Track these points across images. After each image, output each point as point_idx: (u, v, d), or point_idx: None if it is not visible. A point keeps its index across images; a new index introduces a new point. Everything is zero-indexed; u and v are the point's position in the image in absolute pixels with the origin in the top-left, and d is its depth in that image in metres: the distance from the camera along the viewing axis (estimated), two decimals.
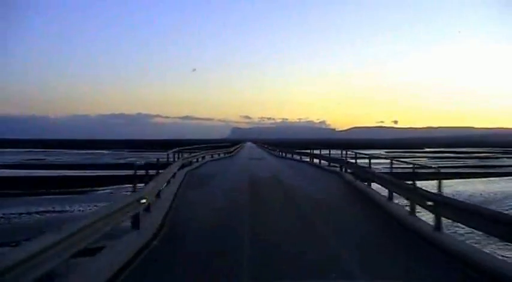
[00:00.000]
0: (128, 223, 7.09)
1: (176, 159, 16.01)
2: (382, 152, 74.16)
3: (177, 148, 17.19)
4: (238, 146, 54.82)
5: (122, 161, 44.08)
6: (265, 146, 62.62)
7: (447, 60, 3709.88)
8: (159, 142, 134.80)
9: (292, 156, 32.86)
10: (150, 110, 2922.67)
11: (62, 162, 46.46)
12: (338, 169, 18.46)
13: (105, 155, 63.23)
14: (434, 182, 7.78)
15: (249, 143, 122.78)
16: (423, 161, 41.54)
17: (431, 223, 7.51)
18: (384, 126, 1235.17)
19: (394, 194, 10.47)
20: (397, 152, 74.53)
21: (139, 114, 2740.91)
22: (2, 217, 11.99)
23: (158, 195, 10.16)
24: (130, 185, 12.98)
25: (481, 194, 15.45)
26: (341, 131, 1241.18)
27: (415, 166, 9.66)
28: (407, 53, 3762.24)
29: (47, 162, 47.08)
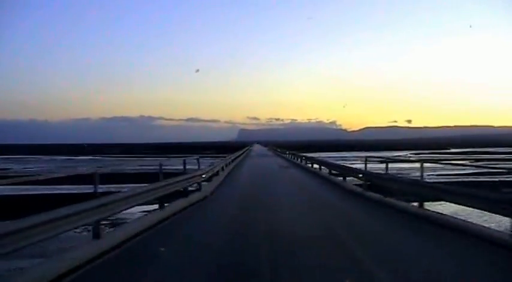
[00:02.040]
0: None
1: None
2: (408, 153, 66.86)
3: None
4: (241, 152, 39.93)
5: (100, 171, 34.90)
6: (286, 153, 43.56)
7: (461, 57, 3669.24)
8: (157, 145, 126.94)
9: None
10: (153, 113, 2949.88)
11: (23, 173, 37.67)
12: None
13: (86, 162, 54.06)
14: None
15: (257, 146, 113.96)
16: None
17: None
18: (398, 126, 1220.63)
19: None
20: (424, 153, 66.51)
21: (141, 116, 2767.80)
22: None
23: None
24: None
25: None
26: (353, 131, 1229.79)
27: None
28: (419, 51, 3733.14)
29: (4, 173, 38.37)
